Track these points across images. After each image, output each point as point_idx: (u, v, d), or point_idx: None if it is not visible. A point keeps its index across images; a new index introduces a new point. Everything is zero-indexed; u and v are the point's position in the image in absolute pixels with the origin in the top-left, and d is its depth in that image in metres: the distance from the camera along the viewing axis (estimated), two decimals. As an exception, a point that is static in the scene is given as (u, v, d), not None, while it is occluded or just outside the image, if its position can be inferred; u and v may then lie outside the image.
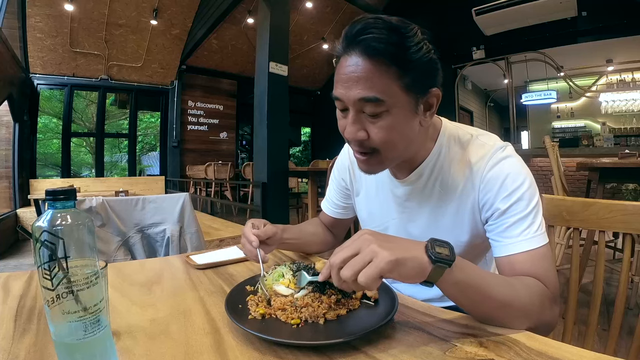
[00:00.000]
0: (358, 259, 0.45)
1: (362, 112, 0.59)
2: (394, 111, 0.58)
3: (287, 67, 3.95)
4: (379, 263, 0.44)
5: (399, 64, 0.55)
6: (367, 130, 0.60)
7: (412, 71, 0.56)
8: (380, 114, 0.58)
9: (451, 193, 0.70)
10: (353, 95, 0.57)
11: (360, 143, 0.61)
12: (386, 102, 0.56)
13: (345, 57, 0.58)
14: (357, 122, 0.60)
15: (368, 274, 0.44)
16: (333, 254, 0.49)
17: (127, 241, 1.58)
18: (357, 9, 6.44)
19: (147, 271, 0.83)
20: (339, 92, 0.59)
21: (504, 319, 0.51)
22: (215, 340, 0.49)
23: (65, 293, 0.37)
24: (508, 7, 5.59)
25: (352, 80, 0.56)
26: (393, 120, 0.58)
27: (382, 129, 0.59)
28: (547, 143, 2.57)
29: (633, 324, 0.75)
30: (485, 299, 0.51)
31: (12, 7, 4.86)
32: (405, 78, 0.56)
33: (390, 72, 0.55)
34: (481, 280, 0.52)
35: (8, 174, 5.20)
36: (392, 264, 0.44)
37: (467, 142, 0.70)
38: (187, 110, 7.54)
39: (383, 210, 0.81)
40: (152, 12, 6.04)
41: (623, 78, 6.43)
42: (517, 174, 0.64)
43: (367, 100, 0.56)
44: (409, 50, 0.55)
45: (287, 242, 0.85)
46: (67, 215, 0.38)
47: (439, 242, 0.48)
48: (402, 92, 0.57)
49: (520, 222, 0.62)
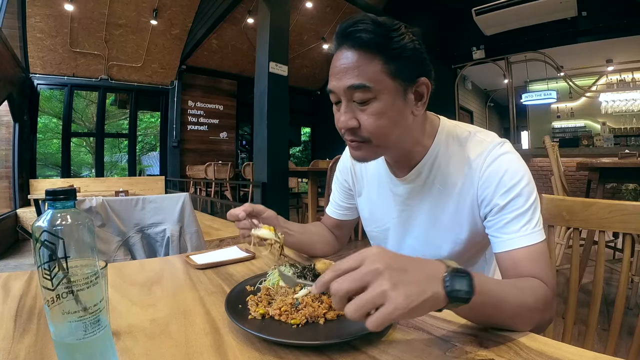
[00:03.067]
0: (368, 300, 0.38)
1: (352, 102, 0.62)
2: (382, 97, 0.61)
3: (287, 67, 3.94)
4: (391, 312, 0.37)
5: (384, 52, 0.59)
6: (357, 119, 0.63)
7: (396, 59, 0.60)
8: (369, 100, 0.61)
9: (450, 190, 0.71)
10: (343, 85, 0.61)
11: (352, 132, 0.64)
12: (373, 89, 0.60)
13: (337, 53, 0.63)
14: (348, 111, 0.63)
15: (378, 322, 0.38)
16: (334, 270, 0.41)
17: (127, 241, 1.58)
18: (357, 9, 6.44)
19: (147, 271, 0.83)
20: (332, 84, 0.63)
21: (512, 327, 0.51)
22: (215, 340, 0.49)
23: (65, 293, 0.37)
24: (508, 7, 5.59)
25: (342, 71, 0.61)
26: (381, 106, 0.61)
27: (371, 115, 0.62)
28: (547, 143, 2.57)
29: (633, 324, 0.75)
30: (497, 312, 0.49)
31: (12, 7, 4.85)
32: (390, 65, 0.60)
33: (376, 60, 0.59)
34: (495, 299, 0.48)
35: (8, 174, 5.20)
36: (406, 315, 0.38)
37: (465, 139, 0.71)
38: (187, 110, 7.53)
39: (384, 210, 0.82)
40: (152, 12, 6.03)
41: (623, 78, 6.43)
42: (516, 170, 0.65)
43: (356, 88, 0.60)
44: (392, 39, 0.60)
45: (290, 233, 0.83)
46: (67, 215, 0.38)
47: (459, 274, 0.42)
48: (389, 79, 0.60)
49: (519, 217, 0.63)
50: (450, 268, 0.43)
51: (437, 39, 6.51)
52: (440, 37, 6.63)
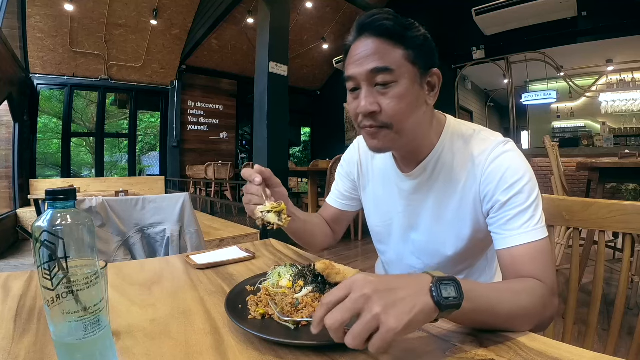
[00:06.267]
0: (362, 328, 0.39)
1: (373, 87, 0.64)
2: (402, 82, 0.63)
3: (287, 67, 3.95)
4: (386, 335, 0.38)
5: (403, 41, 0.63)
6: (378, 103, 0.64)
7: (414, 48, 0.64)
8: (390, 84, 0.63)
9: (454, 186, 0.72)
10: (365, 69, 0.63)
11: (372, 116, 0.65)
12: (395, 72, 0.63)
13: (356, 42, 0.66)
14: (369, 96, 0.64)
15: (377, 347, 0.38)
16: (324, 304, 0.41)
17: (127, 241, 1.58)
18: (357, 9, 6.43)
19: (147, 271, 0.83)
20: (352, 71, 0.65)
21: (510, 329, 0.51)
22: (215, 340, 0.49)
23: (65, 293, 0.37)
24: (508, 7, 5.59)
25: (363, 57, 0.64)
26: (402, 90, 0.64)
27: (393, 98, 0.63)
28: (547, 143, 2.57)
29: (633, 324, 0.75)
30: (492, 318, 0.50)
31: (12, 7, 4.85)
32: (409, 52, 0.64)
33: (397, 46, 0.63)
34: (488, 304, 0.48)
35: (8, 174, 5.20)
36: (401, 333, 0.39)
37: (470, 137, 0.72)
38: (187, 110, 7.54)
39: (389, 204, 0.83)
40: (152, 12, 6.04)
41: (623, 78, 6.43)
42: (518, 168, 0.66)
43: (379, 70, 0.62)
44: (410, 30, 0.64)
45: (294, 215, 0.80)
46: (67, 215, 0.38)
47: (445, 281, 0.43)
48: (409, 64, 0.64)
49: (521, 214, 0.63)
50: (436, 278, 0.43)
51: (437, 39, 6.49)
52: (440, 37, 6.61)
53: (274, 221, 0.64)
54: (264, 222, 0.65)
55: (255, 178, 0.69)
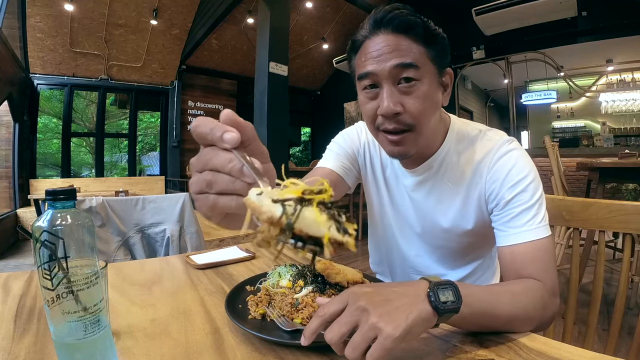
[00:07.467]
0: (361, 339, 0.39)
1: (395, 85, 0.62)
2: (425, 80, 0.62)
3: (287, 67, 3.95)
4: (384, 343, 0.38)
5: (424, 38, 0.62)
6: (401, 103, 0.62)
7: (434, 46, 0.63)
8: (415, 82, 0.61)
9: (458, 186, 0.72)
10: (388, 65, 0.60)
11: (396, 118, 0.63)
12: (420, 69, 0.61)
13: (372, 38, 0.62)
14: (393, 95, 0.61)
15: (376, 356, 0.38)
16: (319, 316, 0.41)
17: (127, 241, 1.58)
18: (357, 9, 6.44)
19: (147, 271, 0.83)
20: (371, 67, 0.62)
21: (510, 331, 0.51)
22: (215, 340, 0.49)
23: (65, 293, 0.37)
24: (508, 7, 5.58)
25: (385, 53, 0.61)
26: (426, 90, 0.62)
27: (417, 98, 0.62)
28: (547, 143, 2.57)
29: (633, 324, 0.75)
30: (491, 320, 0.49)
31: (12, 7, 4.85)
32: (429, 49, 0.62)
33: (418, 43, 0.61)
34: (487, 306, 0.48)
35: (8, 174, 5.20)
36: (400, 340, 0.38)
37: (475, 137, 0.73)
38: (187, 110, 7.52)
39: (391, 199, 0.83)
40: (152, 12, 6.03)
41: (623, 78, 6.43)
42: (523, 166, 0.66)
43: (404, 66, 0.60)
44: (430, 27, 0.62)
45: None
46: (67, 215, 0.38)
47: (442, 286, 0.43)
48: (430, 62, 0.62)
49: (525, 212, 0.63)
50: (433, 283, 0.43)
51: (437, 39, 6.49)
52: (440, 37, 6.62)
53: (333, 237, 0.28)
54: (293, 247, 0.29)
55: (226, 135, 0.35)
